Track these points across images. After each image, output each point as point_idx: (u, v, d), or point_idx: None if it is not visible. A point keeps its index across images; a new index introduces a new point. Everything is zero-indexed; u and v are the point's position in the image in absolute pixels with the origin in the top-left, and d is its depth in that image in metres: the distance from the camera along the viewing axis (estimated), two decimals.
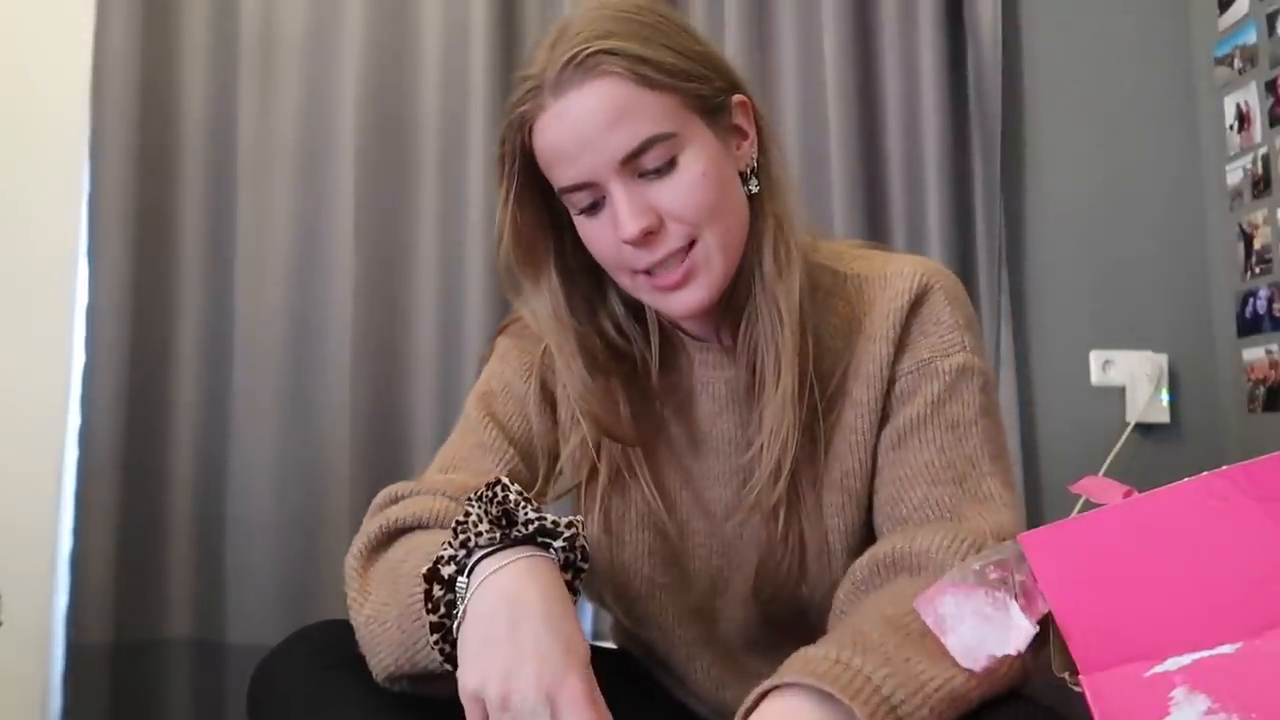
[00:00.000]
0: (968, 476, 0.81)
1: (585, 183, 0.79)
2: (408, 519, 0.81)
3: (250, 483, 1.72)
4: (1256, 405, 1.79)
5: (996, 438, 0.85)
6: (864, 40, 1.86)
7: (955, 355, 0.84)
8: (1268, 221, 1.77)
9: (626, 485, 0.90)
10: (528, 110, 0.80)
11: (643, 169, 0.79)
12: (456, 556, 0.69)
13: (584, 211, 0.82)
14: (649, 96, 0.78)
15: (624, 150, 0.77)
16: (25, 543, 1.70)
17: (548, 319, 0.87)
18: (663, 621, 0.93)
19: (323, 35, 1.81)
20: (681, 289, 0.81)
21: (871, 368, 0.85)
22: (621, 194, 0.78)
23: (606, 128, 0.77)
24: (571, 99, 0.77)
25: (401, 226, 1.80)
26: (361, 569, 0.80)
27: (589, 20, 0.79)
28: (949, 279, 0.88)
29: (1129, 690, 0.56)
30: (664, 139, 0.78)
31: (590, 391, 0.86)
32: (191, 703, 1.70)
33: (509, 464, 0.90)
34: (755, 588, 0.89)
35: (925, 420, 0.83)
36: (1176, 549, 0.55)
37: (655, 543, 0.90)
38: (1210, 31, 1.91)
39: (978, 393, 0.84)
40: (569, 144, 0.78)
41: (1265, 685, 0.51)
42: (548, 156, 0.80)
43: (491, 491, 0.69)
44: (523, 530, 0.69)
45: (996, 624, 0.60)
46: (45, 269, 1.76)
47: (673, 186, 0.79)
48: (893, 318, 0.85)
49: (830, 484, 0.86)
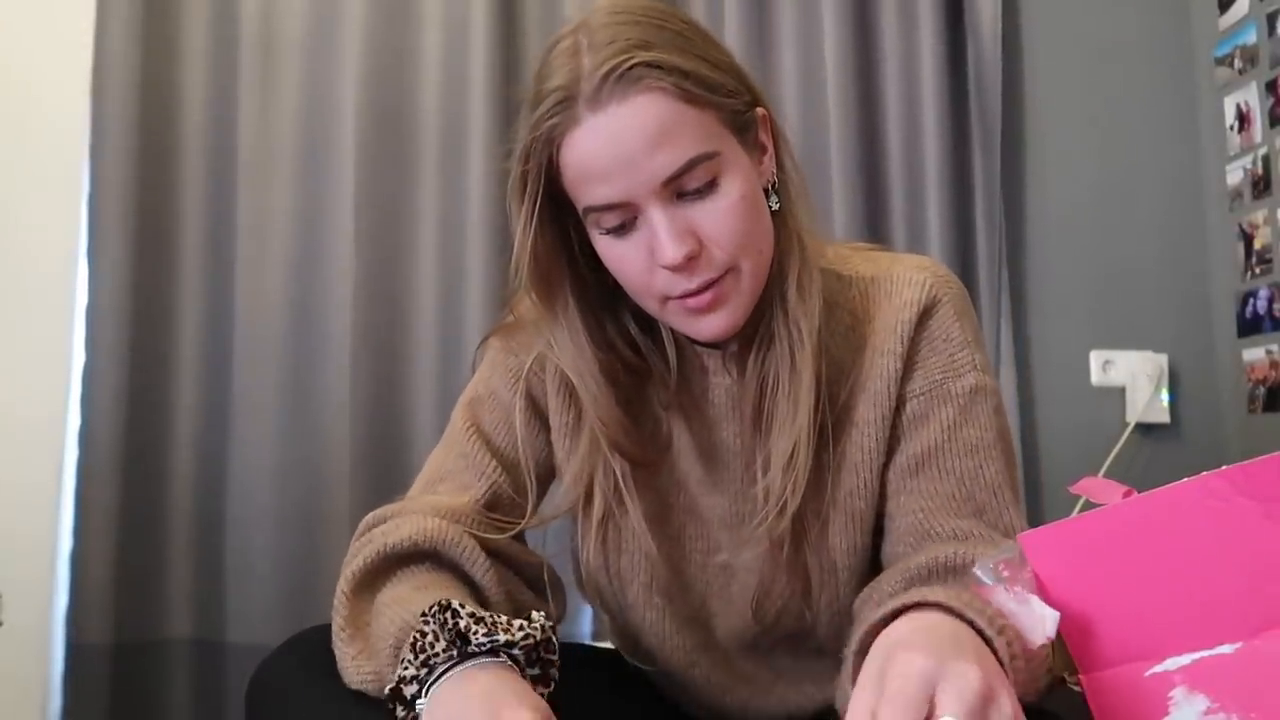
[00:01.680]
0: (988, 508, 0.80)
1: (619, 203, 0.75)
2: (401, 542, 0.80)
3: (250, 482, 1.72)
4: (1256, 405, 1.79)
5: (1011, 462, 0.84)
6: (864, 40, 1.86)
7: (967, 375, 0.83)
8: (1268, 222, 1.77)
9: (623, 495, 0.88)
10: (558, 124, 0.74)
11: (683, 189, 0.74)
12: (419, 675, 0.68)
13: (612, 231, 0.77)
14: (692, 114, 0.73)
15: (667, 171, 0.73)
16: (25, 543, 1.70)
17: (568, 350, 0.84)
18: (661, 629, 0.92)
19: (323, 35, 1.81)
20: (710, 313, 0.78)
21: (879, 384, 0.84)
22: (661, 217, 0.74)
23: (650, 146, 0.72)
24: (611, 114, 0.72)
25: (401, 226, 1.80)
26: (351, 595, 0.80)
27: (617, 26, 0.74)
28: (955, 288, 0.86)
29: (1129, 690, 0.56)
30: (707, 159, 0.74)
31: (612, 416, 0.84)
32: (191, 703, 1.70)
33: (491, 477, 0.89)
34: (755, 605, 0.88)
35: (942, 448, 0.82)
36: (1176, 549, 0.55)
37: (653, 549, 0.89)
38: (1210, 32, 1.90)
39: (992, 414, 0.83)
40: (606, 161, 0.73)
41: (1264, 685, 0.51)
42: (578, 173, 0.75)
43: (444, 616, 0.68)
44: (476, 649, 0.68)
45: (1025, 616, 0.60)
46: (45, 269, 1.76)
47: (714, 210, 0.75)
48: (900, 330, 0.83)
49: (835, 503, 0.85)
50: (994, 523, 0.80)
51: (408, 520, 0.83)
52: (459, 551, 0.81)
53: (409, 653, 0.68)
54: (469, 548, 0.82)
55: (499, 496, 0.89)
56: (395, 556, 0.81)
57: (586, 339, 0.84)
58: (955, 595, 0.62)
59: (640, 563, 0.89)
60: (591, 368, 0.84)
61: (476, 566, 0.82)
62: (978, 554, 0.73)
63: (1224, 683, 0.52)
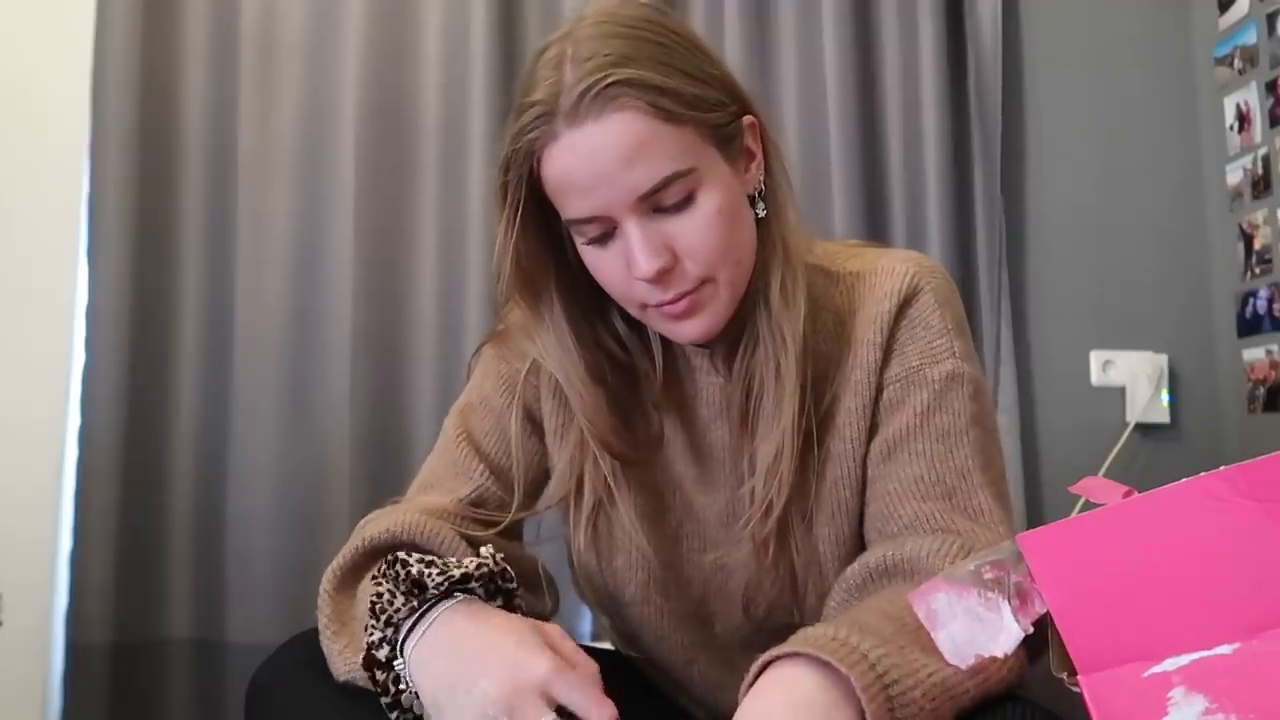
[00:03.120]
0: (957, 490, 0.80)
1: (597, 215, 0.76)
2: (379, 535, 0.82)
3: (250, 482, 1.73)
4: (1256, 405, 1.79)
5: (988, 447, 0.83)
6: (864, 40, 1.86)
7: (944, 362, 0.83)
8: (1268, 221, 1.77)
9: (617, 494, 0.89)
10: (538, 138, 0.75)
11: (659, 205, 0.75)
12: (386, 636, 0.71)
13: (593, 242, 0.79)
14: (668, 131, 0.74)
15: (642, 188, 0.74)
16: (25, 543, 1.70)
17: (554, 351, 0.85)
18: (658, 627, 0.92)
19: (323, 35, 1.81)
20: (688, 319, 0.79)
21: (860, 374, 0.84)
22: (636, 232, 0.75)
23: (624, 164, 0.73)
24: (588, 131, 0.73)
25: (401, 226, 1.80)
26: (334, 594, 0.81)
27: (600, 39, 0.74)
28: (939, 277, 0.86)
29: (1127, 690, 0.56)
30: (682, 175, 0.75)
31: (600, 416, 0.85)
32: (191, 703, 1.70)
33: (478, 482, 0.89)
34: (745, 603, 0.88)
35: (914, 432, 0.82)
36: (1175, 550, 0.55)
37: (648, 549, 0.89)
38: (1210, 32, 1.90)
39: (968, 401, 0.82)
40: (583, 177, 0.74)
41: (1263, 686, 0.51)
42: (557, 186, 0.77)
43: (395, 569, 0.71)
44: (435, 593, 0.71)
45: (988, 624, 0.60)
46: (45, 269, 1.77)
47: (690, 224, 0.76)
48: (880, 321, 0.84)
49: (821, 496, 0.85)
50: (963, 506, 0.79)
51: (386, 515, 0.84)
52: (438, 542, 0.82)
53: (370, 618, 0.71)
54: (448, 538, 0.83)
55: (485, 498, 0.90)
56: (373, 550, 0.82)
57: (573, 340, 0.85)
58: (828, 639, 0.62)
59: (637, 561, 0.90)
60: (578, 368, 0.85)
61: (455, 556, 0.82)
62: (921, 550, 0.75)
63: (1223, 683, 0.52)
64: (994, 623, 0.60)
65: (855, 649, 0.61)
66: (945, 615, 0.61)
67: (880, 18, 1.86)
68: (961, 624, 0.60)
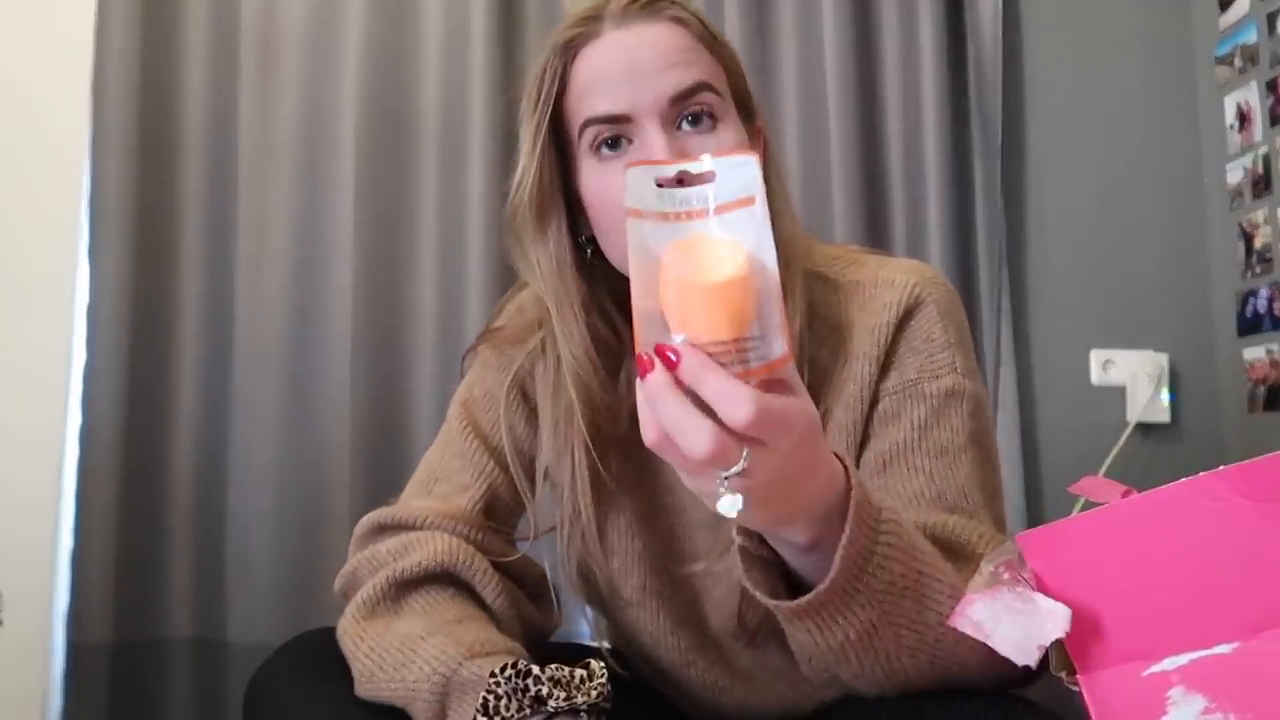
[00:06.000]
0: (959, 509, 0.77)
1: (620, 115, 0.76)
2: (412, 569, 0.80)
3: (251, 482, 1.72)
4: (1256, 405, 1.79)
5: (987, 467, 0.81)
6: (864, 40, 1.86)
7: (944, 377, 0.81)
8: (1268, 221, 1.77)
9: (613, 494, 0.88)
10: (579, 35, 0.78)
11: (686, 112, 0.77)
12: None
13: (603, 145, 0.78)
14: (707, 54, 0.79)
15: (676, 88, 0.76)
16: (26, 542, 1.70)
17: (551, 271, 0.82)
18: (655, 629, 0.92)
19: (323, 35, 1.81)
20: None
21: (853, 388, 0.82)
22: (659, 137, 0.76)
23: (664, 64, 0.76)
24: (634, 31, 0.77)
25: (402, 225, 1.80)
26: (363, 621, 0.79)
27: None
28: (942, 290, 0.84)
29: (1126, 689, 0.56)
30: (714, 90, 0.78)
31: (586, 355, 0.82)
32: (192, 703, 1.70)
33: (490, 477, 0.89)
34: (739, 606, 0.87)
35: (912, 446, 0.79)
36: (1174, 549, 0.55)
37: (644, 549, 0.89)
38: (1211, 31, 1.90)
39: (967, 418, 0.80)
40: (618, 70, 0.76)
41: (1262, 685, 0.51)
42: (585, 86, 0.78)
43: (518, 680, 0.69)
44: (554, 711, 0.69)
45: (1032, 615, 0.59)
46: (45, 269, 1.76)
47: (709, 145, 0.76)
48: (878, 334, 0.82)
49: None
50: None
51: (418, 545, 0.82)
52: (472, 574, 0.82)
53: (481, 715, 0.68)
54: (481, 570, 0.82)
55: (497, 498, 0.89)
56: (404, 582, 0.81)
57: (572, 264, 0.83)
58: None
59: (632, 564, 0.89)
60: (571, 294, 0.83)
61: (489, 589, 0.82)
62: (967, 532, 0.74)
63: (1222, 682, 0.52)
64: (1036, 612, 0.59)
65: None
66: (991, 620, 0.60)
67: (880, 17, 1.86)
68: (1010, 623, 0.60)
